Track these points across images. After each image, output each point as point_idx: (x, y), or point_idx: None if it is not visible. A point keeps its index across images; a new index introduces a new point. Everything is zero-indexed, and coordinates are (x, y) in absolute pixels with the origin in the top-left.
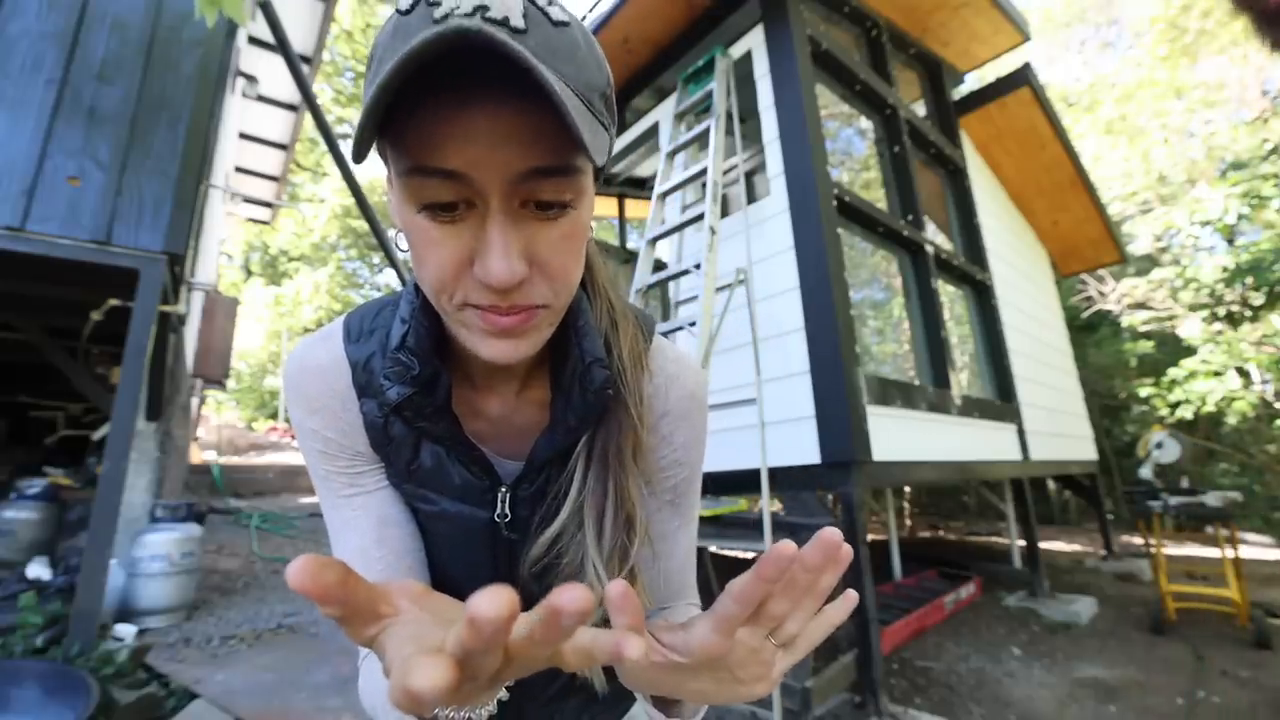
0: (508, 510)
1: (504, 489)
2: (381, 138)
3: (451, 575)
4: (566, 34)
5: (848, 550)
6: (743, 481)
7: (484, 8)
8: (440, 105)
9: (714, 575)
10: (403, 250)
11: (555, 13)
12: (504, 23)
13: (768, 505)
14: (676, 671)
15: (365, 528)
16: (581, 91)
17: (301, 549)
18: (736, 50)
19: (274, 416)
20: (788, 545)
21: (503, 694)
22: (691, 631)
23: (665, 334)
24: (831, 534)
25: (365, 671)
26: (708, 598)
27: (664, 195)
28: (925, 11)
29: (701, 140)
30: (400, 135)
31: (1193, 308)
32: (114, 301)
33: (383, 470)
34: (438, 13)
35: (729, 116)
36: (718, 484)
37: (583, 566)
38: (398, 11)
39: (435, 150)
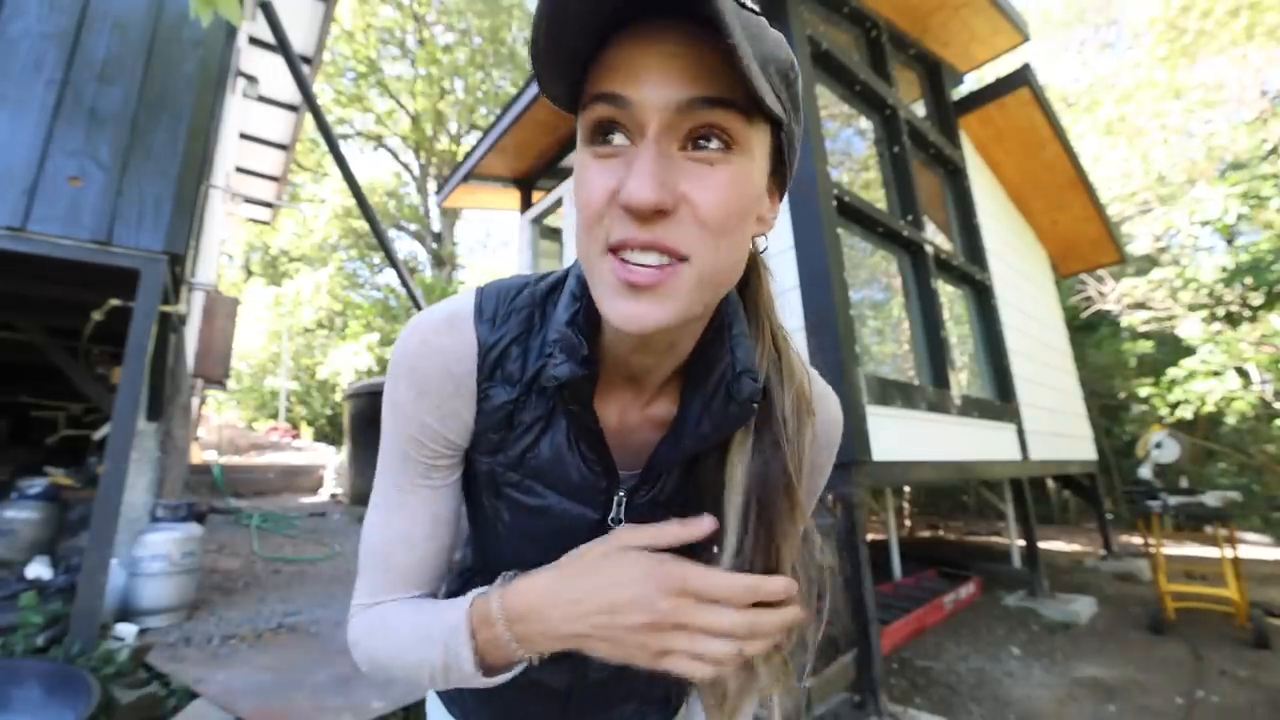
0: (622, 515)
1: (621, 492)
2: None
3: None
4: (756, 18)
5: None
6: None
7: None
8: (623, 44)
9: None
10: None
11: (748, 2)
12: None
13: None
14: None
15: (420, 518)
16: (760, 55)
17: (302, 549)
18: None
19: (274, 416)
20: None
21: (561, 681)
22: None
23: None
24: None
25: (382, 617)
26: None
27: None
28: (925, 12)
29: None
30: (589, 77)
31: (1192, 308)
32: (115, 301)
33: (456, 465)
34: None
35: None
36: None
37: None
38: None
39: (603, 78)
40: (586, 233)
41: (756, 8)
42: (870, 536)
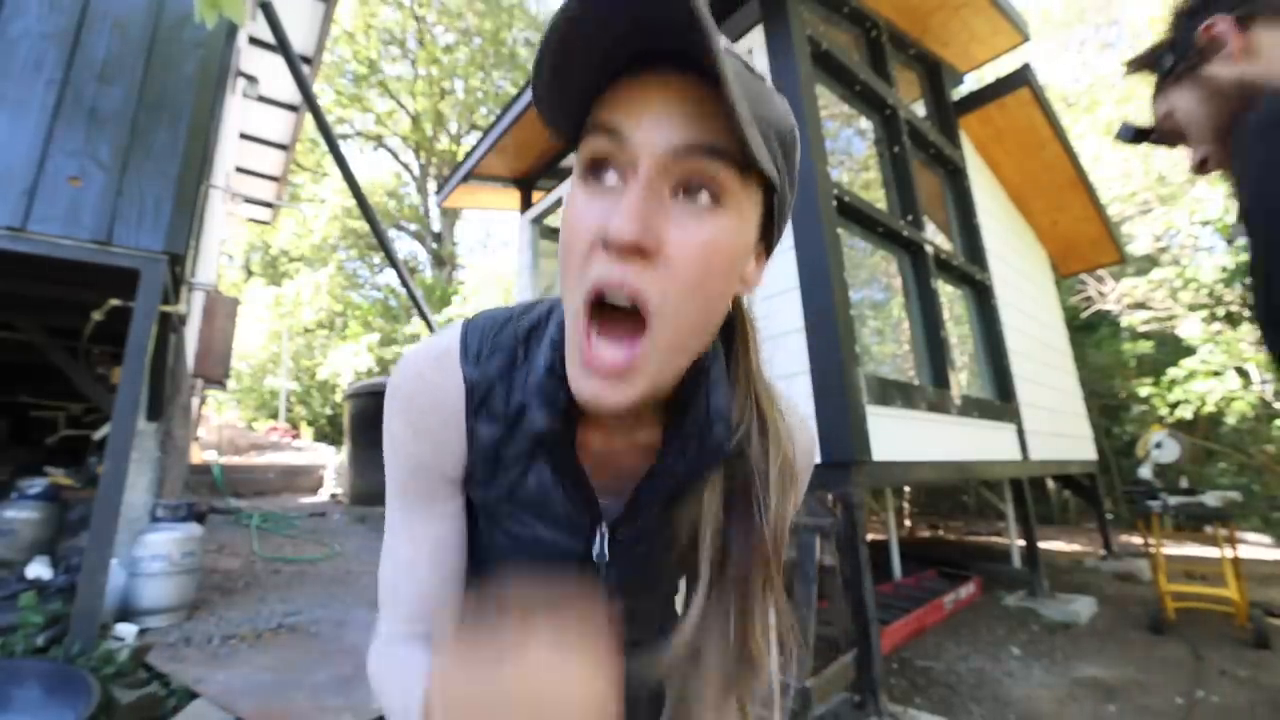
0: (604, 550)
1: (603, 526)
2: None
3: None
4: (761, 82)
5: None
6: None
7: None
8: (630, 87)
9: None
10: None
11: (755, 67)
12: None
13: None
14: None
15: (423, 546)
16: (761, 117)
17: (302, 549)
18: (736, 50)
19: (274, 416)
20: None
21: None
22: None
23: None
24: None
25: (388, 659)
26: None
27: None
28: (925, 12)
29: None
30: (592, 111)
31: (1192, 308)
32: (115, 301)
33: (456, 493)
34: None
35: None
36: None
37: (697, 683)
38: None
39: (605, 110)
40: (569, 273)
41: (764, 76)
42: (870, 536)
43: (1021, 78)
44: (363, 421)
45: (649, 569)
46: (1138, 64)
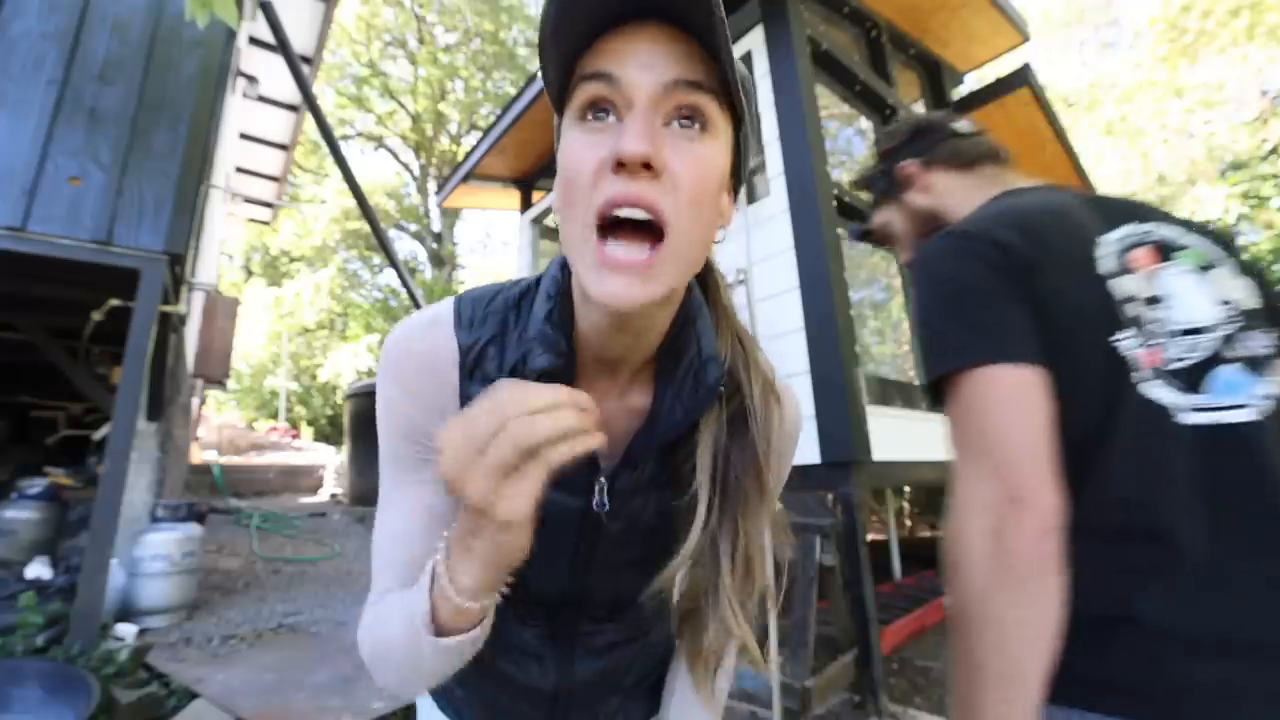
0: (605, 500)
1: (602, 479)
2: (567, 77)
3: (528, 561)
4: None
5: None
6: None
7: None
8: (609, 37)
9: None
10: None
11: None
12: None
13: None
14: None
15: (416, 513)
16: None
17: (302, 549)
18: (736, 50)
19: (274, 417)
20: None
21: (549, 682)
22: None
23: None
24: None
25: (369, 616)
26: None
27: None
28: (925, 12)
29: None
30: (573, 66)
31: None
32: (115, 301)
33: None
34: None
35: None
36: None
37: (714, 597)
38: None
39: (594, 61)
40: (572, 206)
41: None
42: (871, 537)
43: (1022, 78)
44: (363, 421)
45: (651, 517)
46: (859, 184)
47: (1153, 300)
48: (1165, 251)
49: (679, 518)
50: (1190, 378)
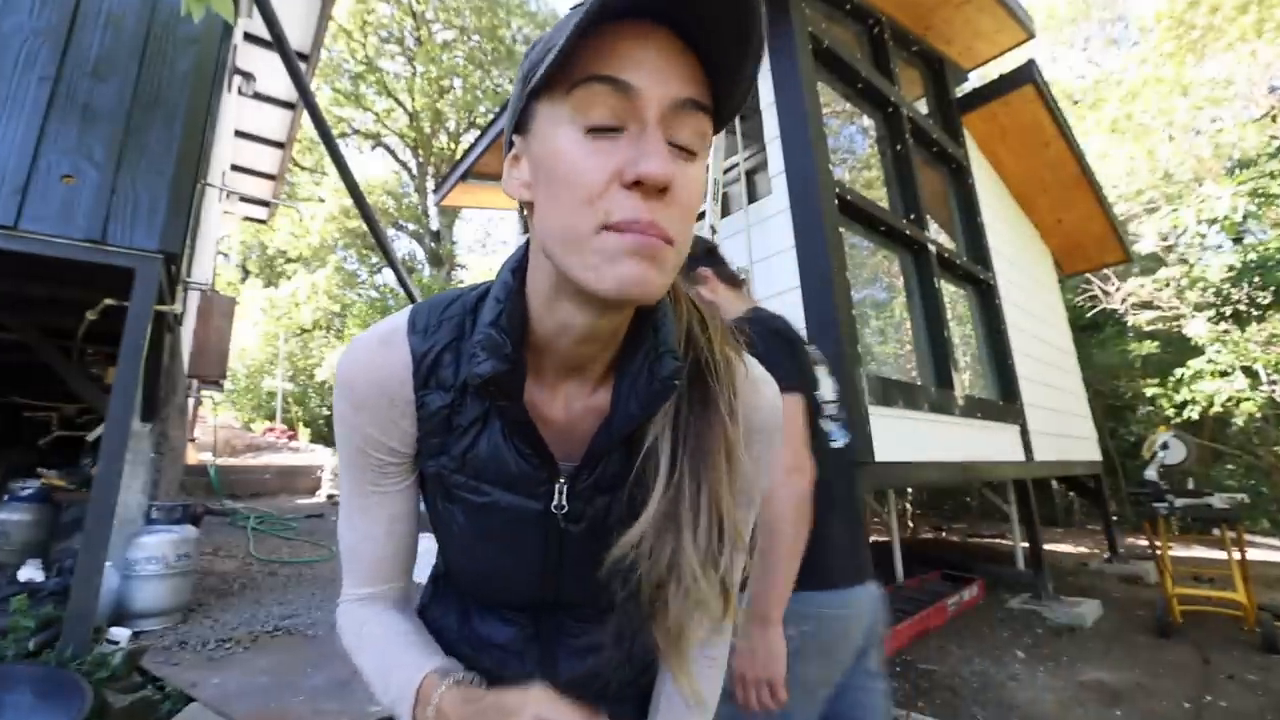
0: (564, 501)
1: (561, 480)
2: (548, 83)
3: (499, 566)
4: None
5: None
6: None
7: None
8: (618, 33)
9: None
10: (526, 218)
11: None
12: None
13: None
14: None
15: (377, 517)
16: (750, 66)
17: (298, 551)
18: None
19: (271, 417)
20: None
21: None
22: None
23: None
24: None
25: (354, 621)
26: None
27: None
28: (928, 9)
29: None
30: (571, 55)
31: (1199, 307)
32: (109, 301)
33: (407, 471)
34: None
35: None
36: None
37: (675, 565)
38: None
39: (603, 61)
40: (574, 211)
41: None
42: (873, 538)
43: (1026, 75)
44: None
45: (619, 516)
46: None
47: (819, 381)
48: (821, 359)
49: (643, 483)
50: (833, 421)
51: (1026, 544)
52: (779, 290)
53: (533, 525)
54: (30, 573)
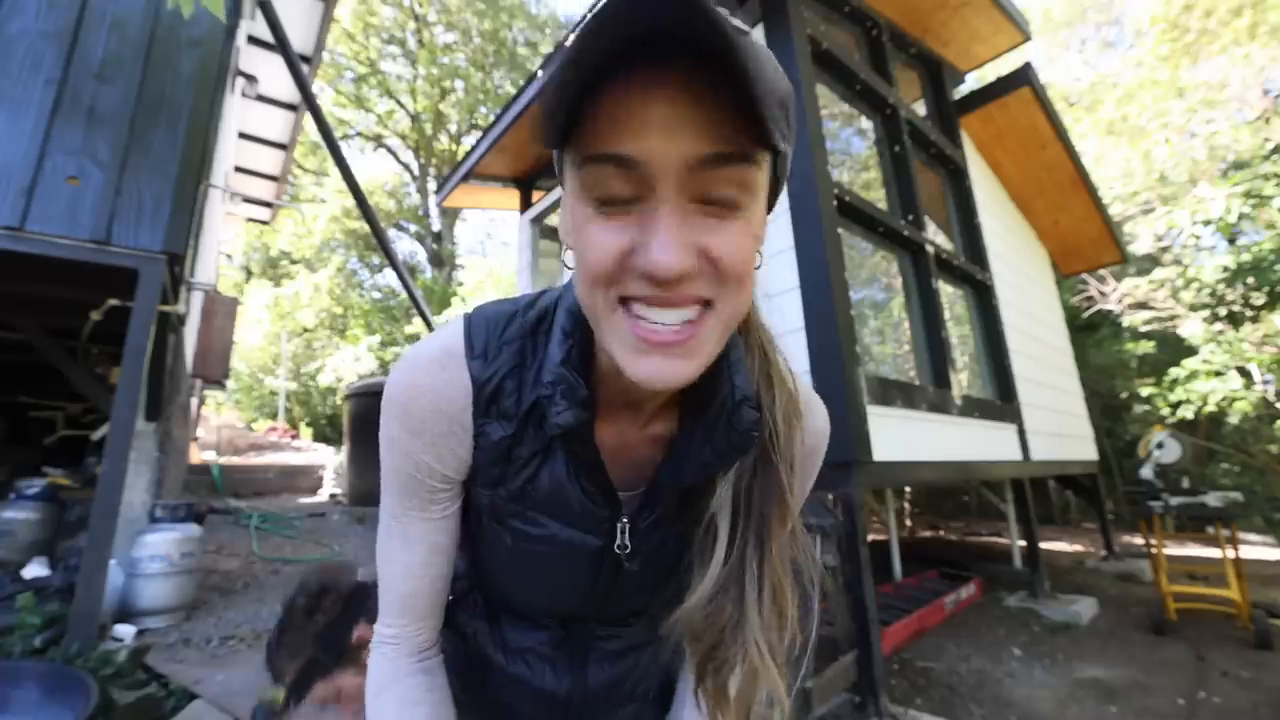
0: (627, 541)
1: (624, 519)
2: (565, 142)
3: (543, 587)
4: (754, 42)
5: None
6: None
7: None
8: (616, 94)
9: None
10: (569, 267)
11: (736, 23)
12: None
13: None
14: None
15: (417, 549)
16: (766, 91)
17: (301, 549)
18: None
19: (274, 417)
20: None
21: (563, 686)
22: None
23: None
24: None
25: (379, 691)
26: None
27: None
28: (926, 11)
29: None
30: (579, 129)
31: (1194, 308)
32: (113, 301)
33: (454, 497)
34: None
35: None
36: None
37: (742, 632)
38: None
39: (608, 136)
40: (590, 289)
41: (747, 28)
42: (871, 537)
43: (1023, 77)
44: (362, 421)
45: (670, 554)
46: None
47: None
48: None
49: (698, 541)
50: None
51: (1023, 542)
52: (778, 290)
53: (588, 558)
54: (36, 570)
